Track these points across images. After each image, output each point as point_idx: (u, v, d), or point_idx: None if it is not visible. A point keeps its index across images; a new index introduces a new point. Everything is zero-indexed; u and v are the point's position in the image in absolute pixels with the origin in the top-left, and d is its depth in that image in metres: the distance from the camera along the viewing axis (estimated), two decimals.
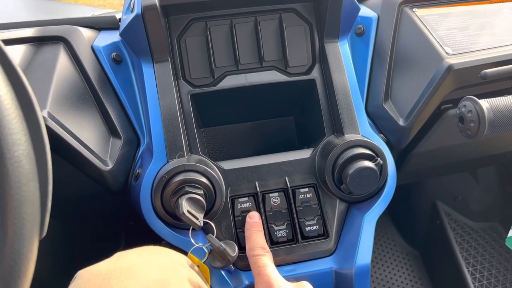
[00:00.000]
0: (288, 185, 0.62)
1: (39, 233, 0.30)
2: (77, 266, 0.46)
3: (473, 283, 1.02)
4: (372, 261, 1.14)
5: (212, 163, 0.61)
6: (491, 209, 1.13)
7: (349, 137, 0.62)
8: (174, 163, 0.57)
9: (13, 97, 0.28)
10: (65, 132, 0.54)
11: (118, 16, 0.74)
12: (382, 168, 0.61)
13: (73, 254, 0.96)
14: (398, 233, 1.22)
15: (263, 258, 0.52)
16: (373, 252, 1.17)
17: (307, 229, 0.60)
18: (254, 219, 0.58)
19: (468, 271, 1.04)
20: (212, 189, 0.57)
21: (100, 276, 0.43)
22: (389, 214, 1.26)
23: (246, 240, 0.56)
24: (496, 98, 0.51)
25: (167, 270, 0.46)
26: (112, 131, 0.63)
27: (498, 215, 1.13)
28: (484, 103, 0.50)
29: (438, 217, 1.14)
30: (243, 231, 0.58)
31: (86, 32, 0.68)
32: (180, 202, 0.53)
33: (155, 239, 0.57)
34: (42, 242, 0.30)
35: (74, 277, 0.45)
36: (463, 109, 0.52)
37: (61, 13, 1.34)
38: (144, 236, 0.58)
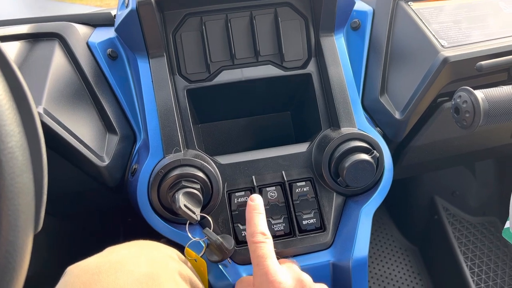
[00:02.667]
0: (285, 179, 0.62)
1: (34, 225, 0.29)
2: (75, 263, 0.46)
3: (472, 277, 1.02)
4: (370, 256, 1.14)
5: (209, 157, 0.61)
6: (489, 204, 1.14)
7: (346, 130, 0.62)
8: (171, 157, 0.57)
9: (6, 89, 0.28)
10: (61, 128, 0.54)
11: (113, 12, 0.73)
12: (379, 161, 0.61)
13: (71, 251, 0.95)
14: (397, 228, 1.22)
15: (263, 246, 0.49)
16: (372, 247, 1.17)
17: (304, 222, 0.60)
18: (255, 201, 0.54)
19: (467, 265, 1.04)
20: (209, 183, 0.57)
21: (89, 271, 0.42)
22: (387, 209, 1.26)
23: (246, 224, 0.52)
24: (491, 88, 0.51)
25: (157, 264, 0.46)
26: (108, 127, 0.63)
27: (496, 210, 1.13)
28: (479, 93, 0.50)
29: (436, 212, 1.14)
30: (240, 225, 0.58)
31: (82, 29, 0.68)
32: (177, 196, 0.53)
33: (153, 235, 0.57)
34: (38, 238, 0.30)
35: (64, 273, 0.44)
36: (458, 100, 0.52)
37: (58, 12, 1.33)
38: (142, 232, 0.57)
